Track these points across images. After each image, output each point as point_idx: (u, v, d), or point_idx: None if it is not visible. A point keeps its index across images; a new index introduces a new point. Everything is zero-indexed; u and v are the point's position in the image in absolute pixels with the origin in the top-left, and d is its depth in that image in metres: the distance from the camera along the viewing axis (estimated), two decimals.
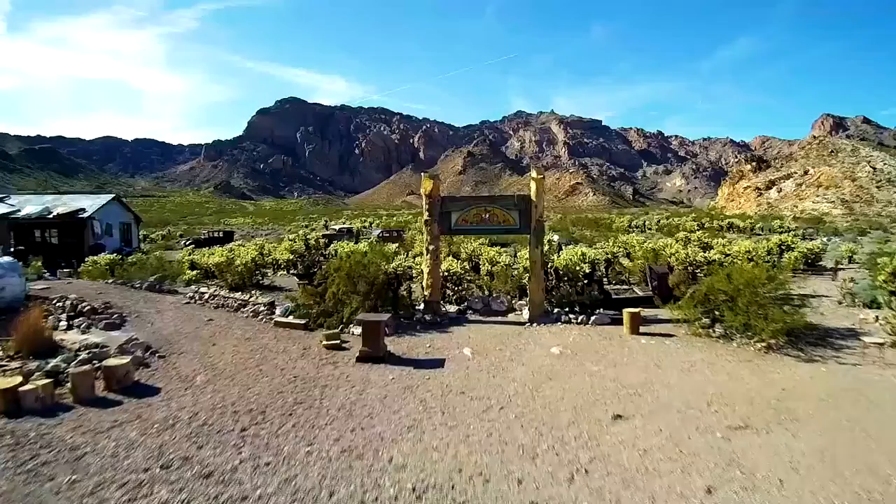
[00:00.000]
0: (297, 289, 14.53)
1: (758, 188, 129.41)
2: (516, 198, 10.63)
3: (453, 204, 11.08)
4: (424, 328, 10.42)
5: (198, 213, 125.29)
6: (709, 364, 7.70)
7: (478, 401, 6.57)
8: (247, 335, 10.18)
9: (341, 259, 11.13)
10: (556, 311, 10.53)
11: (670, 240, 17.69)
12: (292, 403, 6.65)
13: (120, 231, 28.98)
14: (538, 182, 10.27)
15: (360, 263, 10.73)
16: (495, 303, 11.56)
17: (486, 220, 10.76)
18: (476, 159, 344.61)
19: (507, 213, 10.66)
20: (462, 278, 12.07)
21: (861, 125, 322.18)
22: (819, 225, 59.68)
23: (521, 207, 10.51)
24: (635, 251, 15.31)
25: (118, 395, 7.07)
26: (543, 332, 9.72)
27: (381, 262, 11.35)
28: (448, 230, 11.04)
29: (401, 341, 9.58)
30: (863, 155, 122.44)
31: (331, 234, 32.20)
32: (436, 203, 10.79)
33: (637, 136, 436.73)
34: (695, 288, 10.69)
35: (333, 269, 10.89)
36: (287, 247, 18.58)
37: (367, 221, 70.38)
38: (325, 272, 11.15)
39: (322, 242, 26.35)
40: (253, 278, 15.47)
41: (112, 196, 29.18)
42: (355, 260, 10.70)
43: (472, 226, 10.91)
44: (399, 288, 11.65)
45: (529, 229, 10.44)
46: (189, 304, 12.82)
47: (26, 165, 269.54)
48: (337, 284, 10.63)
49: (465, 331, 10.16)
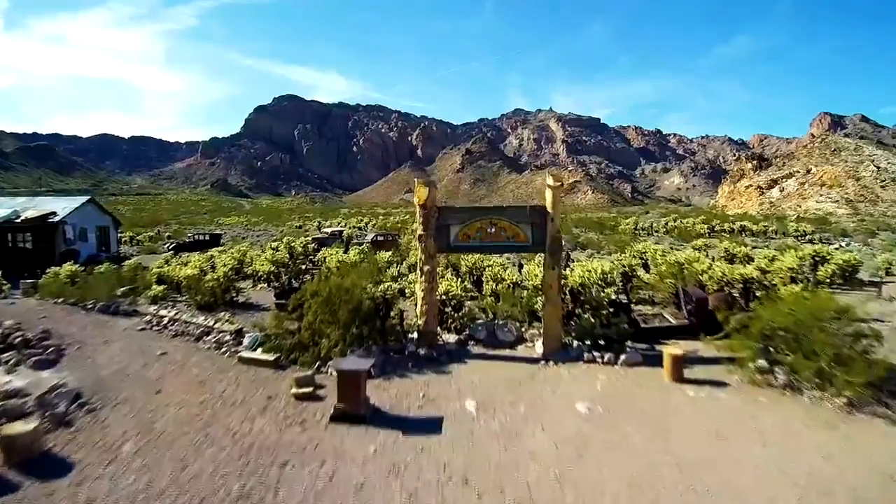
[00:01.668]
0: (274, 308, 12.78)
1: (759, 187, 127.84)
2: (529, 209, 8.86)
3: (453, 215, 9.31)
4: (418, 366, 8.67)
5: (193, 211, 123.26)
6: (783, 432, 5.97)
7: (488, 495, 4.84)
8: (202, 376, 8.42)
9: (321, 281, 9.38)
10: (576, 344, 8.79)
11: (694, 251, 15.92)
12: (236, 498, 4.91)
13: (96, 235, 27.16)
14: (555, 191, 8.51)
15: (342, 288, 8.97)
16: (502, 331, 9.82)
17: (492, 235, 9.01)
18: (474, 157, 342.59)
19: (518, 226, 8.90)
20: (462, 301, 10.31)
21: (859, 123, 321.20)
22: (825, 225, 58.12)
23: (535, 220, 8.76)
24: (657, 265, 13.57)
25: (18, 475, 5.39)
26: (563, 375, 7.97)
27: (368, 284, 9.60)
28: (446, 247, 9.27)
29: (388, 386, 7.83)
30: (866, 154, 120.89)
31: (321, 238, 30.39)
32: (431, 214, 9.03)
33: (635, 133, 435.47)
34: (741, 318, 8.96)
35: (310, 294, 9.13)
36: (268, 257, 16.78)
37: (363, 221, 68.55)
38: (300, 297, 9.39)
39: (311, 248, 24.57)
40: (226, 295, 13.68)
41: (87, 198, 27.33)
42: (335, 284, 8.93)
43: (476, 242, 9.15)
44: (388, 314, 9.89)
45: (544, 247, 8.69)
46: (145, 330, 11.04)
47: (21, 163, 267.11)
48: (314, 313, 8.88)
49: (467, 370, 8.42)
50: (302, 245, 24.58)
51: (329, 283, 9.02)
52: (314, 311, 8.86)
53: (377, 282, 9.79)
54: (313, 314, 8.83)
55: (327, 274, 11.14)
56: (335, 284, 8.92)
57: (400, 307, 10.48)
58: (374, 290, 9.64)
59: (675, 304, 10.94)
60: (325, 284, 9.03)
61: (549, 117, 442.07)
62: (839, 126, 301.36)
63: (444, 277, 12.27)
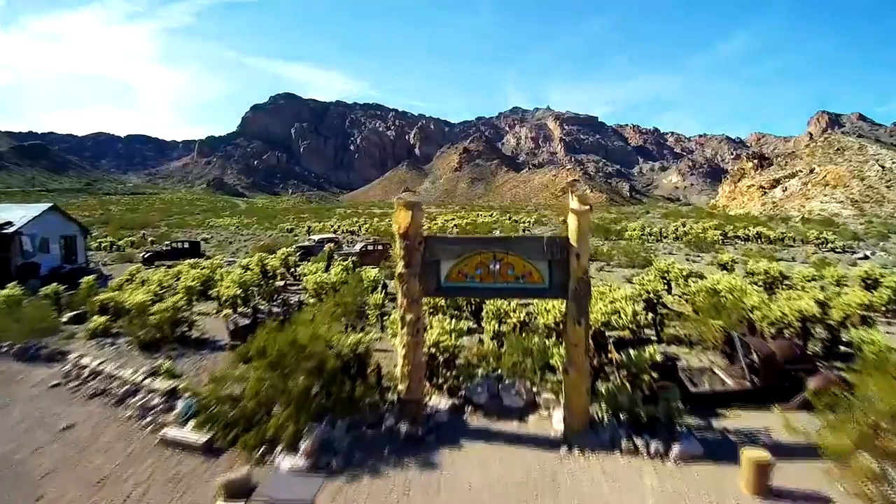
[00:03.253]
0: (229, 350, 10.56)
1: (762, 187, 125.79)
2: (546, 242, 6.63)
3: (444, 247, 7.08)
4: (398, 451, 6.47)
5: (187, 211, 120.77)
6: None
7: None
8: (107, 469, 6.21)
9: (270, 333, 7.16)
10: (607, 419, 6.59)
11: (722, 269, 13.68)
12: None
13: (60, 245, 24.88)
14: (581, 217, 6.29)
15: (296, 345, 6.75)
16: (508, 393, 7.63)
17: (497, 274, 6.80)
18: (472, 156, 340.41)
19: (530, 263, 6.69)
20: (457, 353, 8.09)
21: (857, 122, 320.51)
22: (832, 227, 56.10)
23: (554, 256, 6.54)
24: (691, 294, 11.38)
25: None
26: (595, 476, 5.76)
27: (335, 336, 7.38)
28: (435, 289, 7.05)
29: (352, 490, 5.63)
30: (870, 153, 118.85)
31: (307, 247, 28.10)
32: (416, 246, 6.81)
33: (633, 132, 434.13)
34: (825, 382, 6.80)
35: (256, 352, 6.91)
36: (235, 278, 14.54)
37: (357, 224, 66.27)
38: (246, 350, 7.16)
39: (293, 260, 22.32)
40: (176, 329, 11.44)
41: (48, 205, 24.99)
42: (287, 340, 6.70)
43: (474, 282, 6.93)
44: (362, 372, 7.69)
45: (566, 291, 6.48)
46: (59, 386, 8.83)
47: (14, 162, 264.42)
48: (258, 380, 6.66)
49: (463, 461, 6.21)
50: (282, 257, 22.33)
51: (279, 339, 6.79)
52: (259, 377, 6.65)
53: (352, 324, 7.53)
54: (257, 381, 6.62)
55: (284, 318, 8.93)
56: (286, 341, 6.70)
57: (378, 360, 8.28)
58: (343, 341, 7.42)
59: (726, 353, 8.75)
60: (275, 339, 6.81)
61: (546, 116, 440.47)
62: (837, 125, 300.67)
63: (435, 315, 10.05)
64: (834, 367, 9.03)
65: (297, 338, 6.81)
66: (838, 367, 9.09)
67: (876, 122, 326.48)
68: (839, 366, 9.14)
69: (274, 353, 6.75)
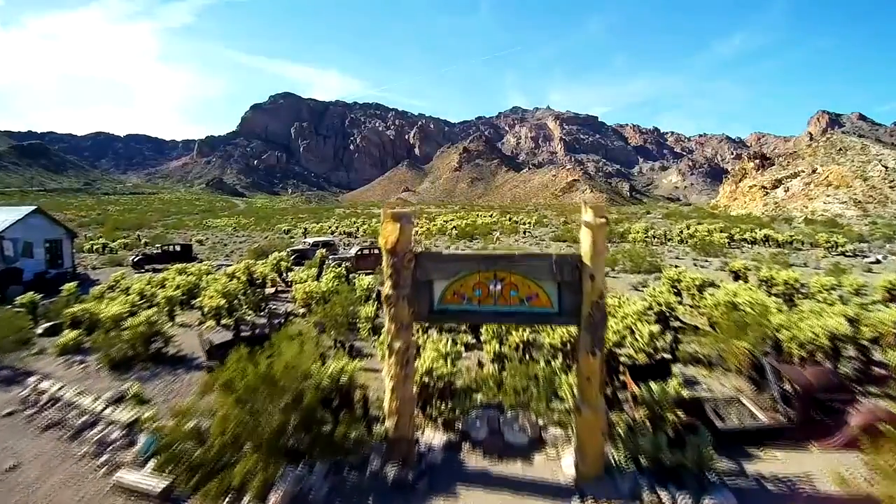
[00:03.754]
0: (208, 369, 9.71)
1: (763, 187, 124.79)
2: (554, 259, 5.77)
3: (437, 265, 6.22)
4: (383, 499, 5.63)
5: (185, 211, 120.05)
6: None
7: None
8: None
9: (240, 359, 6.32)
10: (625, 466, 5.74)
11: (736, 278, 12.80)
12: None
13: (45, 250, 24.00)
14: (596, 231, 5.45)
15: (268, 378, 5.90)
16: (510, 428, 6.78)
17: (498, 295, 5.95)
18: (472, 155, 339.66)
19: (537, 283, 5.84)
20: (453, 381, 7.23)
21: (857, 122, 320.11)
22: (836, 228, 55.31)
23: (564, 276, 5.69)
24: (707, 308, 10.52)
25: None
26: None
27: (312, 364, 6.52)
28: (428, 312, 6.19)
29: None
30: (873, 153, 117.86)
31: (302, 250, 27.21)
32: (405, 264, 5.96)
33: (633, 132, 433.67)
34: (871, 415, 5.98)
35: (221, 385, 6.06)
36: (218, 288, 13.67)
37: (356, 224, 65.43)
38: (208, 382, 6.31)
39: (284, 266, 21.45)
40: (150, 345, 10.58)
41: (32, 208, 24.09)
42: (257, 374, 5.85)
43: (472, 305, 6.08)
44: (347, 404, 6.84)
45: (578, 317, 5.63)
46: (14, 414, 7.97)
47: (13, 162, 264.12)
48: (225, 418, 5.81)
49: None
50: (275, 261, 21.46)
51: (249, 371, 5.94)
52: (225, 414, 5.80)
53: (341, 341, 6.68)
54: (223, 420, 5.77)
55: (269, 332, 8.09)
56: (256, 375, 5.85)
57: (365, 385, 7.42)
58: (323, 372, 6.56)
59: (753, 381, 7.88)
60: (244, 371, 5.96)
61: (546, 115, 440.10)
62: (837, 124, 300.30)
63: (428, 333, 9.18)
64: (868, 393, 8.20)
65: (270, 371, 5.96)
66: (872, 392, 8.26)
67: (876, 121, 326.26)
68: (873, 391, 8.31)
69: (241, 388, 5.91)
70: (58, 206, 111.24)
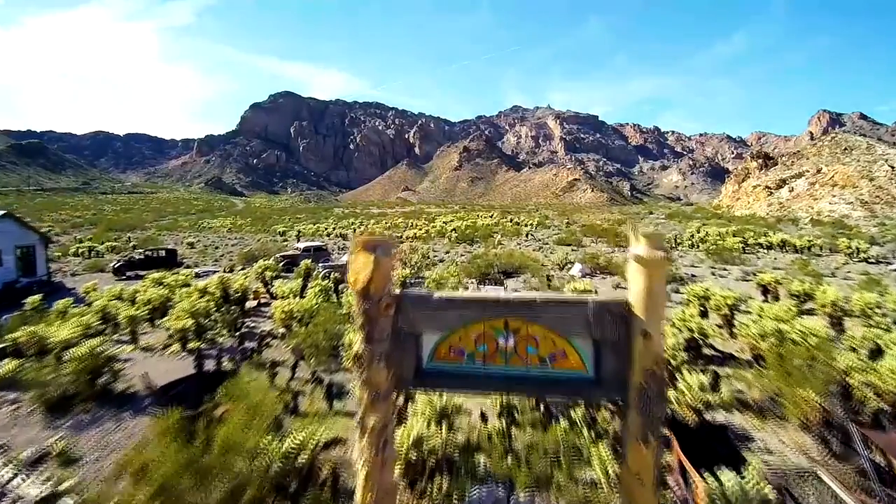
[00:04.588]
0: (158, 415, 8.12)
1: (767, 187, 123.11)
2: (593, 307, 4.16)
3: (425, 312, 4.59)
4: None
5: (183, 210, 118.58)
6: None
7: None
8: None
9: (167, 430, 4.73)
10: None
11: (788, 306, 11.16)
12: None
13: (16, 257, 22.41)
14: (652, 269, 3.84)
15: (194, 464, 4.29)
16: None
17: (510, 353, 4.34)
18: (472, 155, 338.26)
19: (565, 340, 4.23)
20: (448, 453, 5.63)
21: (857, 121, 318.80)
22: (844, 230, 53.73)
23: (605, 331, 4.07)
24: (749, 336, 8.93)
25: None
26: None
27: (259, 436, 4.92)
28: (413, 376, 4.56)
29: None
30: (879, 153, 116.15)
31: (291, 256, 25.61)
32: (381, 309, 4.33)
33: (633, 131, 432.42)
34: None
35: (137, 469, 4.45)
36: (187, 306, 12.07)
37: (354, 225, 63.89)
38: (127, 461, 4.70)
39: (269, 276, 19.83)
40: (97, 380, 8.98)
41: (1, 213, 22.55)
42: (187, 455, 4.26)
43: (475, 364, 4.47)
44: (312, 483, 5.22)
45: (624, 390, 4.01)
46: None
47: (11, 161, 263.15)
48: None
49: None
50: (259, 270, 19.83)
51: (170, 456, 4.34)
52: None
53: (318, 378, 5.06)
54: None
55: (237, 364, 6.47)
56: (178, 463, 4.24)
57: (336, 457, 5.79)
58: (275, 450, 4.94)
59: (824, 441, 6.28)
60: (165, 453, 4.36)
61: (546, 115, 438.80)
62: (837, 124, 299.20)
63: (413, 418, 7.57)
64: None
65: (201, 454, 4.34)
66: None
67: (877, 121, 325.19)
68: None
69: (159, 477, 4.30)
70: (53, 206, 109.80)
